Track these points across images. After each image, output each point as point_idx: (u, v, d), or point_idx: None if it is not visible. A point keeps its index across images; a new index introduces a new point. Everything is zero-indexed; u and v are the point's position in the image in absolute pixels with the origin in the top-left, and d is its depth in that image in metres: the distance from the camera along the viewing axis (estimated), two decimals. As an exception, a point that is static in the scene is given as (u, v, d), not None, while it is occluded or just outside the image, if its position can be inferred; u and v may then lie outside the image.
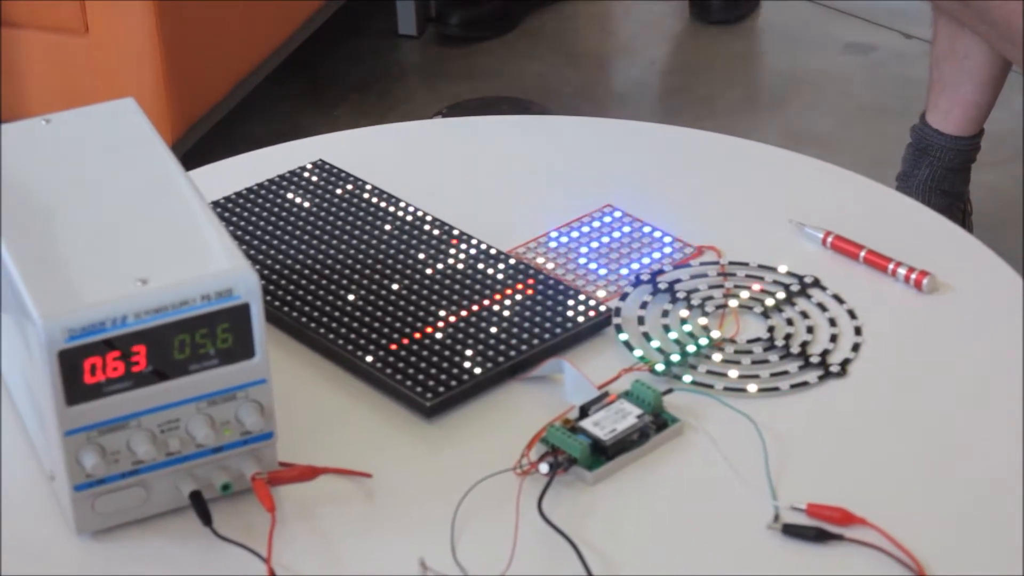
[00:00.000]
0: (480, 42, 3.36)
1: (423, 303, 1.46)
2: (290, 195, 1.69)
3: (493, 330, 1.43)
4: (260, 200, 1.67)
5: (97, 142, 1.50)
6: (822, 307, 1.47)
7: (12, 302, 1.32)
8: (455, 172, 1.76)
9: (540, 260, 1.55)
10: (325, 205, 1.66)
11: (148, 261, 1.28)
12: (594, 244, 1.58)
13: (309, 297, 1.50)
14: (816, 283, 1.50)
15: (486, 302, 1.47)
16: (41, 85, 2.80)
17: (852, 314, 1.47)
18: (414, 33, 3.38)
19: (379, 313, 1.46)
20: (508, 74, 3.25)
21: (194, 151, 2.66)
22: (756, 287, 1.51)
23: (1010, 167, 2.81)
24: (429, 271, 1.53)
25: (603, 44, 3.37)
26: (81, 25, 2.74)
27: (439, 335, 1.41)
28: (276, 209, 1.66)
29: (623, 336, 1.41)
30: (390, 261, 1.55)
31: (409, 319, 1.43)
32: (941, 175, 2.53)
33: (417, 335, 1.42)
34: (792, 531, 1.15)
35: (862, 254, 1.54)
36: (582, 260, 1.57)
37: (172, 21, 2.69)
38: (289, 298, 1.50)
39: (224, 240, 1.29)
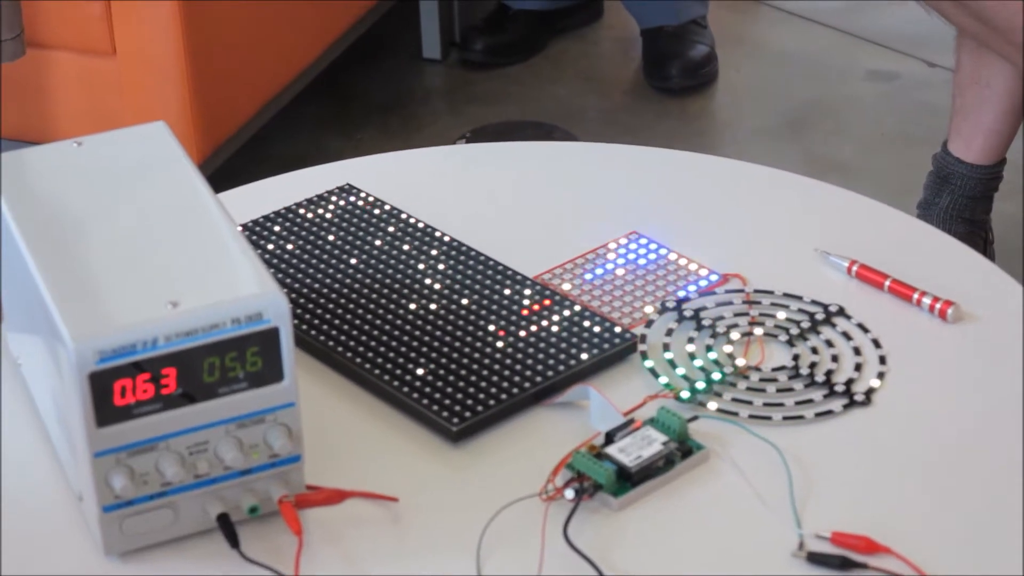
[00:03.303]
0: (504, 67, 3.37)
1: (449, 328, 1.46)
2: (317, 218, 1.70)
3: (519, 356, 1.44)
4: (288, 223, 1.68)
5: (129, 165, 1.51)
6: (847, 336, 1.48)
7: (42, 324, 1.33)
8: (481, 197, 1.77)
9: (566, 286, 1.56)
10: (352, 229, 1.67)
11: (179, 284, 1.29)
12: (620, 271, 1.59)
13: (336, 321, 1.51)
14: (841, 312, 1.51)
15: (512, 327, 1.48)
16: (69, 106, 2.81)
17: (877, 343, 1.47)
18: (438, 57, 3.38)
19: (405, 337, 1.46)
20: (532, 99, 3.26)
21: (219, 172, 2.68)
22: (781, 315, 1.51)
23: None
24: (455, 296, 1.53)
25: (625, 69, 3.37)
26: (109, 46, 2.74)
27: (465, 360, 1.41)
28: (304, 232, 1.66)
29: (648, 363, 1.41)
30: (416, 285, 1.55)
31: (435, 344, 1.44)
32: (963, 204, 2.53)
33: (443, 360, 1.42)
34: (817, 559, 1.15)
35: (887, 283, 1.55)
36: (608, 287, 1.57)
37: (199, 42, 2.70)
38: (316, 322, 1.51)
39: (254, 264, 1.30)
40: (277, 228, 1.67)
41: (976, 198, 2.56)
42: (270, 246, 1.62)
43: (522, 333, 1.48)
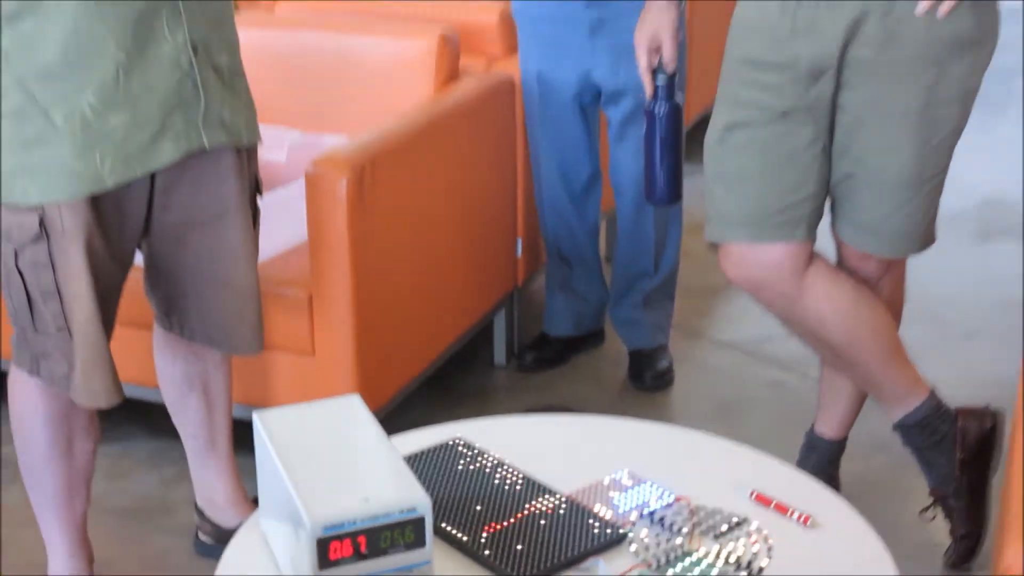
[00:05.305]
0: (544, 371, 3.32)
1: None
2: (439, 455, 1.73)
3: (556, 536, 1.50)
4: (427, 458, 1.71)
5: (337, 418, 1.55)
6: (748, 534, 1.53)
7: (287, 511, 1.38)
8: (534, 443, 1.80)
9: (585, 501, 1.60)
10: (460, 463, 1.70)
11: (367, 488, 1.37)
12: (612, 493, 1.63)
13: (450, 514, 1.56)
14: (746, 520, 1.56)
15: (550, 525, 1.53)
16: (281, 386, 2.72)
17: (766, 538, 1.53)
18: (504, 363, 3.34)
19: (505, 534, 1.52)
20: (560, 391, 3.22)
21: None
22: (710, 521, 1.56)
23: (872, 457, 2.78)
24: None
25: (618, 375, 3.29)
26: (310, 347, 2.64)
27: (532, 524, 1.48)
28: (436, 463, 1.70)
29: (632, 547, 1.49)
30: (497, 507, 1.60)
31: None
32: (823, 464, 2.49)
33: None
34: None
35: (773, 504, 1.60)
36: (605, 497, 1.62)
37: (365, 349, 2.63)
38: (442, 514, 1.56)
39: (411, 478, 1.39)
40: (419, 462, 1.69)
41: (831, 460, 2.53)
42: (414, 469, 1.64)
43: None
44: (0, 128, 1.99)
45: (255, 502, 2.49)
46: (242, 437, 2.55)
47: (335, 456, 1.48)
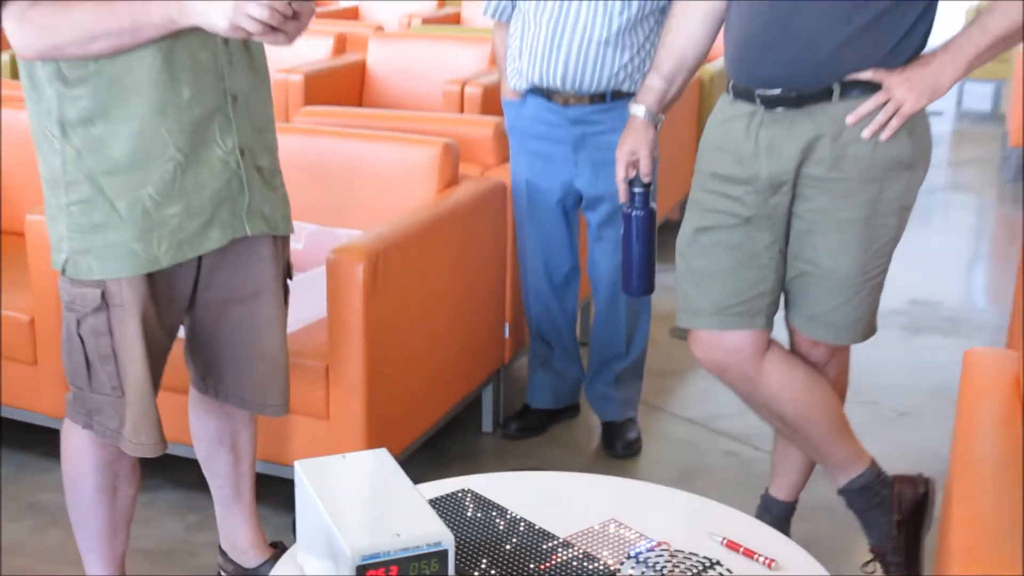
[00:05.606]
0: (526, 439, 3.34)
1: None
2: (452, 504, 1.76)
3: None
4: (440, 504, 1.75)
5: (369, 467, 1.59)
6: (721, 575, 1.56)
7: (325, 543, 1.42)
8: (520, 494, 1.81)
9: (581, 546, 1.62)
10: (469, 510, 1.73)
11: (399, 524, 1.41)
12: (602, 538, 1.66)
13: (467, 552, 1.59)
14: (719, 562, 1.60)
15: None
16: (298, 445, 2.74)
17: None
18: (491, 431, 3.35)
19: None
20: (539, 456, 3.22)
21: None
22: (687, 563, 1.59)
23: (819, 519, 2.76)
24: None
25: (590, 444, 3.31)
26: (325, 412, 2.67)
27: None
28: (449, 509, 1.73)
29: None
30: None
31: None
32: (777, 522, 2.47)
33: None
34: None
35: (741, 549, 1.63)
36: (599, 541, 1.64)
37: (374, 414, 2.65)
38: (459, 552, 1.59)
39: (435, 518, 1.44)
40: (437, 507, 1.72)
41: (783, 518, 2.55)
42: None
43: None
44: (70, 214, 2.07)
45: (273, 546, 2.56)
46: (263, 489, 2.62)
47: (369, 498, 1.53)
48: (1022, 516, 1.50)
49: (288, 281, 2.35)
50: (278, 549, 2.57)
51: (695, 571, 1.59)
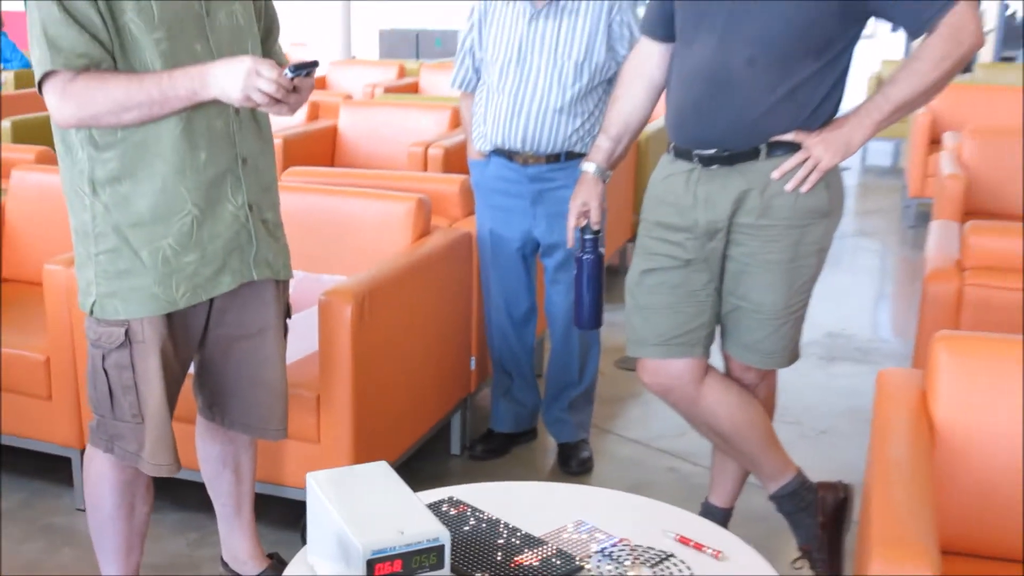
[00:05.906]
0: (491, 460, 3.35)
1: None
2: (437, 509, 1.79)
3: None
4: (430, 509, 1.76)
5: (372, 477, 1.62)
6: (675, 564, 1.60)
7: (335, 542, 1.44)
8: (512, 507, 1.81)
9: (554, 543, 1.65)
10: (456, 514, 1.75)
11: (401, 524, 1.45)
12: (570, 536, 1.69)
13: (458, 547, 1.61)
14: (672, 555, 1.65)
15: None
16: (292, 467, 2.76)
17: (688, 567, 1.60)
18: (459, 453, 3.36)
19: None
20: (503, 474, 3.22)
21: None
22: (645, 555, 1.64)
23: (753, 523, 2.74)
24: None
25: (546, 462, 3.30)
26: (316, 436, 2.68)
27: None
28: (436, 513, 1.75)
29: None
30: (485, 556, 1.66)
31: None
32: (719, 524, 2.30)
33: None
34: None
35: (692, 543, 1.68)
36: (571, 538, 1.66)
37: (360, 439, 2.68)
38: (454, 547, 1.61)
39: (433, 518, 1.48)
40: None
41: (723, 522, 2.55)
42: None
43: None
44: (98, 262, 2.14)
45: (270, 557, 2.60)
46: (260, 507, 2.65)
47: (374, 503, 1.56)
48: (931, 513, 1.57)
49: (287, 320, 2.40)
50: (274, 560, 2.61)
51: (654, 562, 1.65)
